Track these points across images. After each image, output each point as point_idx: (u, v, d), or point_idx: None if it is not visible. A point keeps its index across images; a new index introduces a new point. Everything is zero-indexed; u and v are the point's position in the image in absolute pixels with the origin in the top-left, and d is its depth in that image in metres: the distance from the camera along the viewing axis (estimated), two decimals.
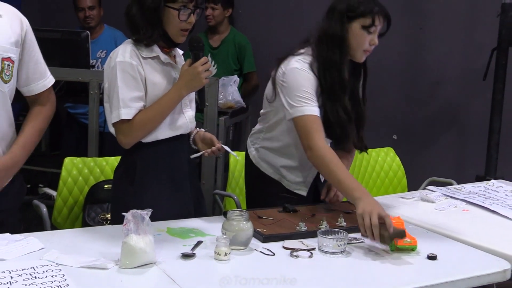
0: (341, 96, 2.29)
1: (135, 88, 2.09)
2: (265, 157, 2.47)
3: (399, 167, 3.26)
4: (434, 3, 4.36)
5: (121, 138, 2.12)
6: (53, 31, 3.92)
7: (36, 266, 1.67)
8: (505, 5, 3.72)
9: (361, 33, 2.26)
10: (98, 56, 4.31)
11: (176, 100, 2.13)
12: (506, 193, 2.63)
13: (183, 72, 2.13)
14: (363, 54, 2.31)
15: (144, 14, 2.08)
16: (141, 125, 2.10)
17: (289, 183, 2.44)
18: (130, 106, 2.07)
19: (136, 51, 2.11)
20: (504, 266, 1.83)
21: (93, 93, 3.44)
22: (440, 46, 4.36)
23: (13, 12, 1.99)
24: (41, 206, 2.51)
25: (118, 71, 2.08)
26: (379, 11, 2.25)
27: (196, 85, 2.13)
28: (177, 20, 2.10)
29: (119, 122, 2.09)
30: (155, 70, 2.14)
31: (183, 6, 2.09)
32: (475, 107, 4.26)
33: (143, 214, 1.71)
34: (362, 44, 2.27)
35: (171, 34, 2.14)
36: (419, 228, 2.15)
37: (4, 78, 1.93)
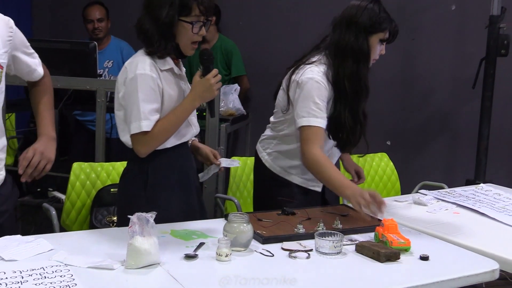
0: (361, 103, 2.37)
1: (154, 100, 2.08)
2: (279, 160, 2.48)
3: (392, 171, 3.26)
4: (425, 16, 4.37)
5: (139, 149, 2.10)
6: (63, 42, 3.93)
7: (46, 267, 1.67)
8: (493, 17, 3.73)
9: (377, 45, 2.37)
10: (105, 65, 4.33)
11: (190, 111, 2.14)
12: (494, 196, 2.63)
13: (195, 84, 2.12)
14: (372, 63, 2.41)
15: (159, 28, 2.07)
16: (158, 136, 2.09)
17: (305, 180, 2.45)
18: (149, 118, 2.05)
19: (155, 64, 2.09)
20: (493, 266, 1.83)
21: (100, 101, 3.44)
22: (431, 56, 4.37)
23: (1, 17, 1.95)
24: (51, 209, 2.51)
25: (139, 83, 2.05)
26: (395, 27, 2.37)
27: (208, 96, 2.13)
28: (190, 33, 2.10)
29: (139, 134, 2.06)
30: (170, 82, 2.15)
31: (196, 20, 2.09)
32: (465, 114, 4.27)
33: (147, 217, 1.71)
34: (374, 54, 2.38)
35: (182, 47, 2.14)
36: (412, 229, 2.14)
37: None
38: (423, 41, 4.40)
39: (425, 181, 3.16)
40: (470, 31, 4.20)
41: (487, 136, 3.82)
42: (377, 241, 1.95)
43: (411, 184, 3.17)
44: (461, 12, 4.27)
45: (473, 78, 3.81)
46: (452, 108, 4.36)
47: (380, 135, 4.48)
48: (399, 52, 4.47)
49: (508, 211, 2.40)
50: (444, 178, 3.62)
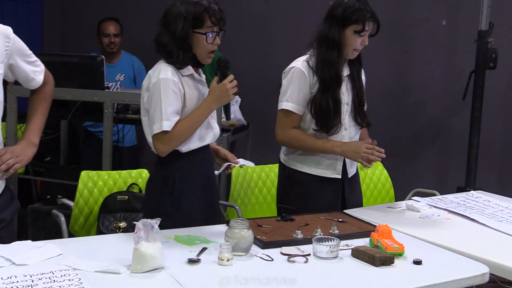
0: (335, 89, 2.43)
1: (176, 103, 2.13)
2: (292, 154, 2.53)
3: (386, 179, 3.26)
4: (417, 31, 4.39)
5: (160, 147, 2.14)
6: (72, 56, 3.94)
7: (55, 271, 1.66)
8: (481, 32, 3.75)
9: (354, 36, 2.40)
10: (117, 79, 4.36)
11: (207, 113, 2.18)
12: (484, 203, 2.63)
13: (213, 88, 2.17)
14: (353, 53, 2.45)
15: (176, 41, 2.13)
16: (178, 136, 2.13)
17: (323, 170, 2.49)
18: (170, 119, 2.11)
19: (176, 70, 2.15)
20: (483, 270, 1.83)
21: (107, 112, 3.44)
22: (423, 69, 4.39)
23: None
24: (60, 215, 2.51)
25: (161, 87, 2.11)
26: (369, 18, 2.38)
27: (225, 100, 2.18)
28: (204, 43, 2.15)
29: (160, 133, 2.11)
30: (191, 86, 2.20)
31: (209, 31, 2.14)
32: (455, 124, 4.27)
33: (152, 223, 1.71)
34: (353, 45, 2.42)
35: (199, 56, 2.19)
36: (406, 235, 2.14)
37: None
38: (415, 54, 4.41)
39: (418, 188, 3.16)
40: (460, 45, 4.22)
41: (477, 145, 3.82)
42: (372, 246, 1.94)
43: (404, 191, 3.17)
44: (451, 27, 4.29)
45: (463, 90, 3.82)
46: (443, 118, 4.37)
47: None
48: (393, 64, 4.49)
49: (498, 217, 2.39)
50: (436, 185, 3.62)
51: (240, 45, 4.86)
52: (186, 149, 2.19)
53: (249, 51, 4.86)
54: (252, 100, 4.68)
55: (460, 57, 4.20)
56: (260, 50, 4.85)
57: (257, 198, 3.04)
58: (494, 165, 4.19)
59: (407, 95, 4.48)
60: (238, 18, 4.94)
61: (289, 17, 4.71)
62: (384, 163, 3.35)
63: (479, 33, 3.76)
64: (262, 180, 3.09)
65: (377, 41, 2.61)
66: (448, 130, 4.35)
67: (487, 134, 3.95)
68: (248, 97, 4.60)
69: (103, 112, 3.46)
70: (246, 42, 4.91)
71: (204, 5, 2.12)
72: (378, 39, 2.60)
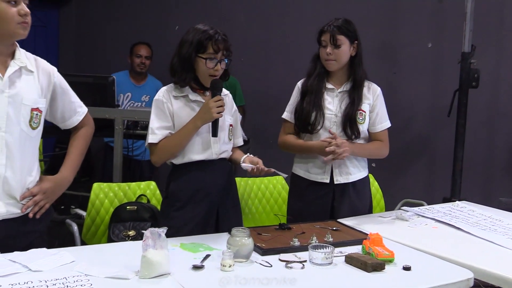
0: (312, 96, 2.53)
1: (163, 120, 2.22)
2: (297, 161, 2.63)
3: (377, 190, 3.26)
4: (405, 53, 4.41)
5: (151, 157, 2.27)
6: (86, 76, 3.96)
7: (68, 276, 1.66)
8: (464, 53, 3.77)
9: (321, 49, 2.53)
10: (143, 100, 4.45)
11: (192, 129, 2.20)
12: (469, 213, 2.62)
13: (201, 107, 2.20)
14: (326, 64, 2.54)
15: (181, 62, 2.21)
16: (163, 148, 2.21)
17: (315, 175, 2.55)
18: (156, 133, 2.21)
19: (169, 92, 2.25)
20: (468, 275, 1.82)
21: (117, 128, 3.45)
22: (411, 88, 4.40)
23: (43, 67, 2.01)
24: (73, 224, 2.50)
25: (153, 106, 2.25)
26: (325, 31, 2.51)
27: (208, 118, 2.18)
28: (205, 68, 2.20)
29: (149, 145, 2.24)
30: (182, 106, 2.24)
31: (211, 57, 2.18)
32: (441, 139, 4.27)
33: (159, 232, 1.71)
34: (321, 57, 2.54)
35: (201, 79, 2.24)
36: (396, 243, 2.13)
37: (32, 125, 1.94)
38: (403, 74, 4.43)
39: (407, 199, 3.16)
40: (445, 66, 4.23)
41: (462, 158, 3.82)
42: (364, 253, 1.94)
43: (394, 202, 3.16)
44: (436, 49, 4.31)
45: (448, 107, 3.83)
46: (430, 133, 4.37)
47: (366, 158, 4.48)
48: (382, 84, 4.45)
49: (481, 226, 2.39)
50: (423, 196, 3.61)
51: (242, 67, 4.88)
52: (178, 162, 2.24)
53: (250, 72, 4.88)
54: (253, 117, 4.69)
55: (445, 77, 4.22)
56: (260, 71, 4.87)
57: (257, 208, 3.04)
58: (478, 177, 4.18)
59: (396, 112, 4.46)
60: (241, 42, 4.96)
61: (287, 41, 4.73)
62: (374, 175, 3.34)
63: (462, 54, 3.78)
64: (261, 191, 3.09)
65: (368, 62, 2.63)
66: (435, 144, 4.35)
67: (470, 148, 3.95)
68: (249, 114, 4.61)
69: (114, 128, 3.47)
70: (248, 64, 4.93)
71: (209, 33, 2.19)
72: (368, 61, 2.62)
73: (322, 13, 4.65)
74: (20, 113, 1.89)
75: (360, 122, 2.55)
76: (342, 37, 2.49)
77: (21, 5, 1.86)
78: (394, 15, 4.45)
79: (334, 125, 2.53)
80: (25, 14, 1.87)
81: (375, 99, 2.62)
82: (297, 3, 4.71)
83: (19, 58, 1.92)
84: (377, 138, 2.64)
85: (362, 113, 2.56)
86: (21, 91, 1.90)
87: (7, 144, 1.87)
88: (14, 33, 1.87)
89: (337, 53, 2.49)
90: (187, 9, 5.12)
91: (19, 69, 1.92)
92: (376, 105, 2.63)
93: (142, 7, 5.42)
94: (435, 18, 4.30)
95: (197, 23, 2.24)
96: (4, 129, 1.86)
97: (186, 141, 2.21)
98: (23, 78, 1.92)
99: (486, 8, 3.98)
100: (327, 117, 2.53)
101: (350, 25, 2.53)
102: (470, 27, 3.75)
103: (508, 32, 4.09)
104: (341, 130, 2.53)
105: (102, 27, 5.59)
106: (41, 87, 1.98)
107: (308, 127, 2.53)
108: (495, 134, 4.17)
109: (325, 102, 2.54)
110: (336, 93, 2.56)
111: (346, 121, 2.52)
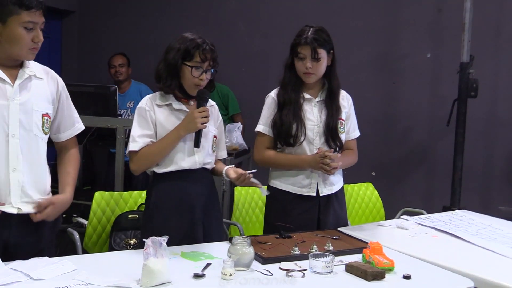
0: (290, 108, 2.44)
1: (145, 128, 2.18)
2: (278, 175, 2.50)
3: (377, 199, 3.25)
4: (404, 63, 4.43)
5: (131, 166, 2.22)
6: (88, 86, 3.98)
7: (69, 285, 1.65)
8: (463, 64, 3.78)
9: (297, 61, 2.42)
10: (128, 106, 4.44)
11: (174, 138, 2.16)
12: (468, 221, 2.62)
13: (185, 116, 2.18)
14: (305, 77, 2.43)
15: (167, 68, 2.18)
16: (144, 156, 2.17)
17: (300, 188, 2.45)
18: (137, 141, 2.18)
19: (152, 100, 2.21)
20: (468, 284, 1.82)
21: (119, 137, 3.45)
22: (410, 98, 4.41)
23: (51, 75, 2.04)
24: (74, 233, 2.49)
25: (136, 114, 2.22)
26: (302, 44, 2.39)
27: (191, 127, 2.15)
28: (190, 76, 2.17)
29: (130, 153, 2.20)
30: (166, 115, 2.20)
31: (197, 65, 2.16)
32: (440, 148, 4.28)
33: (160, 240, 1.70)
34: (299, 69, 2.43)
35: (186, 87, 2.20)
36: (396, 251, 2.12)
37: (45, 131, 1.97)
38: (403, 84, 4.44)
39: (407, 207, 3.15)
40: (444, 76, 4.24)
41: (461, 167, 3.82)
42: (364, 261, 1.93)
43: (394, 211, 3.15)
44: (435, 59, 4.32)
45: (447, 117, 3.83)
46: (429, 143, 4.37)
47: (365, 167, 4.48)
48: (382, 94, 4.52)
49: (481, 235, 2.38)
50: (423, 205, 3.61)
51: (242, 76, 4.91)
52: (160, 171, 2.19)
53: (250, 81, 4.89)
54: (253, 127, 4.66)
55: (444, 86, 4.23)
56: (260, 81, 4.88)
57: (257, 217, 3.02)
58: (477, 186, 4.18)
59: (395, 122, 4.49)
60: (241, 53, 5.00)
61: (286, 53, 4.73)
62: (374, 184, 3.35)
63: (461, 65, 3.79)
64: (262, 200, 3.07)
65: (368, 72, 2.65)
66: (434, 154, 4.35)
67: (470, 157, 3.95)
68: (249, 123, 4.59)
69: (116, 137, 3.48)
70: (248, 74, 4.95)
71: (197, 42, 2.16)
72: (368, 71, 2.63)
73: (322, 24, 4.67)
74: (32, 119, 1.91)
75: (341, 132, 2.49)
76: (321, 50, 2.38)
77: (37, 32, 1.88)
78: (394, 25, 4.47)
79: (317, 136, 2.45)
80: (39, 41, 1.89)
81: (349, 108, 2.57)
82: (297, 14, 4.73)
83: (28, 67, 1.95)
84: (348, 146, 2.57)
85: (342, 122, 2.50)
86: (32, 97, 1.92)
87: (22, 151, 1.89)
88: (22, 56, 1.91)
89: (316, 67, 2.39)
90: (189, 19, 5.15)
91: (29, 77, 1.94)
92: (350, 114, 2.57)
93: (145, 18, 5.45)
94: (434, 28, 4.32)
95: (197, 33, 2.23)
96: (17, 136, 1.88)
97: (168, 150, 2.17)
98: (33, 85, 1.95)
99: (484, 19, 4.01)
100: (309, 128, 2.44)
101: (327, 35, 2.43)
102: (469, 37, 3.77)
103: (506, 42, 4.11)
104: (323, 141, 2.45)
105: (104, 38, 5.61)
106: (51, 94, 2.01)
107: (290, 140, 2.42)
108: (494, 143, 4.17)
109: (305, 113, 2.45)
110: (314, 103, 2.48)
111: (329, 132, 2.44)
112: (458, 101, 3.79)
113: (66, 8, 5.78)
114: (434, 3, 4.30)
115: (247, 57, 4.94)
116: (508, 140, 4.12)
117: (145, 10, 5.44)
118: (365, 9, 4.54)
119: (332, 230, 2.37)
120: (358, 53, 4.51)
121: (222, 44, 5.04)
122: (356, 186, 3.28)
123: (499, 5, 4.12)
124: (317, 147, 2.45)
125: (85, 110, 3.57)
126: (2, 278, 1.65)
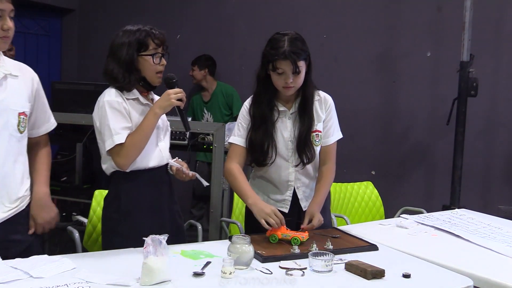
0: (260, 127, 2.31)
1: (123, 120, 2.09)
2: (258, 184, 2.43)
3: (377, 198, 3.25)
4: (404, 62, 4.43)
5: (119, 161, 2.08)
6: (87, 84, 3.97)
7: (69, 283, 1.65)
8: (463, 63, 3.78)
9: (274, 75, 2.25)
10: None
11: (153, 119, 2.09)
12: (468, 220, 2.62)
13: (161, 96, 2.15)
14: (284, 90, 2.27)
15: (121, 66, 2.11)
16: (132, 146, 2.06)
17: (275, 202, 2.38)
18: (120, 132, 2.06)
19: (120, 93, 2.12)
20: (468, 283, 1.82)
21: None
22: (410, 97, 4.41)
23: (26, 72, 2.02)
24: (74, 231, 2.49)
25: (107, 108, 2.08)
26: (280, 58, 2.19)
27: (166, 104, 2.10)
28: (152, 64, 2.13)
29: (115, 148, 2.06)
30: (135, 109, 2.15)
31: (154, 52, 2.13)
32: (440, 147, 4.28)
33: (160, 239, 1.70)
34: (277, 83, 2.26)
35: (149, 78, 2.16)
36: (395, 250, 2.13)
37: (20, 130, 1.95)
38: (403, 83, 4.44)
39: (406, 206, 3.15)
40: (444, 75, 4.24)
41: (461, 166, 3.82)
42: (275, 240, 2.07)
43: (393, 209, 3.16)
44: (435, 58, 4.32)
45: (447, 116, 3.83)
46: (429, 142, 4.38)
47: (365, 166, 4.48)
48: (382, 93, 4.52)
49: (481, 233, 2.38)
50: (423, 204, 3.60)
51: (242, 75, 4.90)
52: (129, 169, 2.12)
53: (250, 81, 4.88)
54: None
55: (444, 85, 4.23)
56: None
57: None
58: (477, 185, 4.18)
59: (395, 121, 4.49)
60: (241, 51, 4.99)
61: None
62: (374, 183, 3.35)
63: (461, 63, 3.79)
64: None
65: (368, 72, 2.64)
66: (434, 152, 4.35)
67: (469, 156, 3.95)
68: None
69: None
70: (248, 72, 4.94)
71: (146, 30, 2.13)
72: (368, 70, 2.62)
73: (322, 24, 4.68)
74: (8, 118, 1.90)
75: (316, 144, 2.34)
76: (301, 62, 2.21)
77: (5, 19, 1.87)
78: (393, 24, 4.47)
79: (291, 151, 2.32)
80: (8, 29, 1.88)
81: (328, 112, 2.37)
82: (297, 14, 4.73)
83: (3, 65, 1.94)
84: (326, 152, 2.37)
85: (319, 134, 2.34)
86: (8, 96, 1.91)
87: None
88: None
89: (296, 79, 2.23)
90: (188, 18, 5.14)
91: (4, 76, 1.92)
92: (331, 117, 2.38)
93: (143, 16, 5.44)
94: (433, 27, 4.32)
95: (198, 32, 2.23)
96: None
97: (150, 133, 2.09)
98: (8, 83, 1.93)
99: (484, 18, 4.00)
100: (285, 144, 2.32)
101: (302, 43, 2.23)
102: (469, 36, 3.76)
103: (506, 41, 4.11)
104: (297, 156, 2.32)
105: (104, 36, 5.59)
106: (27, 92, 1.99)
107: (262, 160, 2.31)
108: (494, 142, 4.17)
109: (278, 131, 2.32)
110: (288, 115, 2.34)
111: (301, 145, 2.31)
112: (458, 100, 3.79)
113: (66, 6, 5.78)
114: (434, 2, 4.30)
115: (247, 56, 4.93)
116: (508, 139, 4.12)
117: (145, 8, 5.44)
118: (365, 8, 4.54)
119: (332, 229, 2.38)
120: (358, 52, 4.51)
121: (222, 44, 5.09)
122: (356, 185, 3.28)
123: (499, 4, 4.12)
124: (292, 164, 2.33)
125: (85, 108, 3.57)
126: (2, 276, 1.65)
